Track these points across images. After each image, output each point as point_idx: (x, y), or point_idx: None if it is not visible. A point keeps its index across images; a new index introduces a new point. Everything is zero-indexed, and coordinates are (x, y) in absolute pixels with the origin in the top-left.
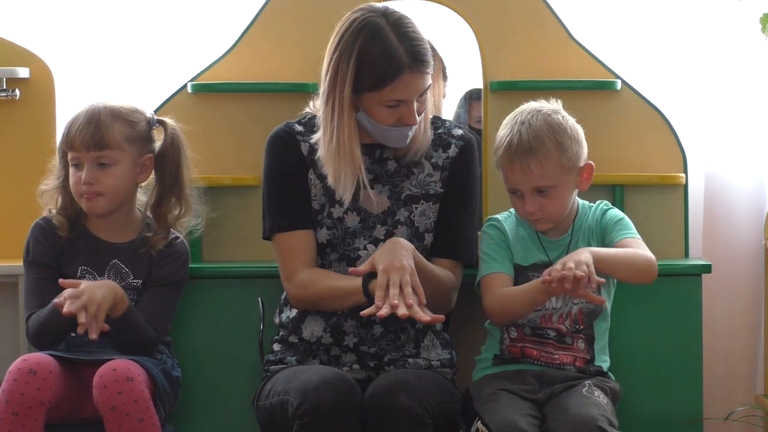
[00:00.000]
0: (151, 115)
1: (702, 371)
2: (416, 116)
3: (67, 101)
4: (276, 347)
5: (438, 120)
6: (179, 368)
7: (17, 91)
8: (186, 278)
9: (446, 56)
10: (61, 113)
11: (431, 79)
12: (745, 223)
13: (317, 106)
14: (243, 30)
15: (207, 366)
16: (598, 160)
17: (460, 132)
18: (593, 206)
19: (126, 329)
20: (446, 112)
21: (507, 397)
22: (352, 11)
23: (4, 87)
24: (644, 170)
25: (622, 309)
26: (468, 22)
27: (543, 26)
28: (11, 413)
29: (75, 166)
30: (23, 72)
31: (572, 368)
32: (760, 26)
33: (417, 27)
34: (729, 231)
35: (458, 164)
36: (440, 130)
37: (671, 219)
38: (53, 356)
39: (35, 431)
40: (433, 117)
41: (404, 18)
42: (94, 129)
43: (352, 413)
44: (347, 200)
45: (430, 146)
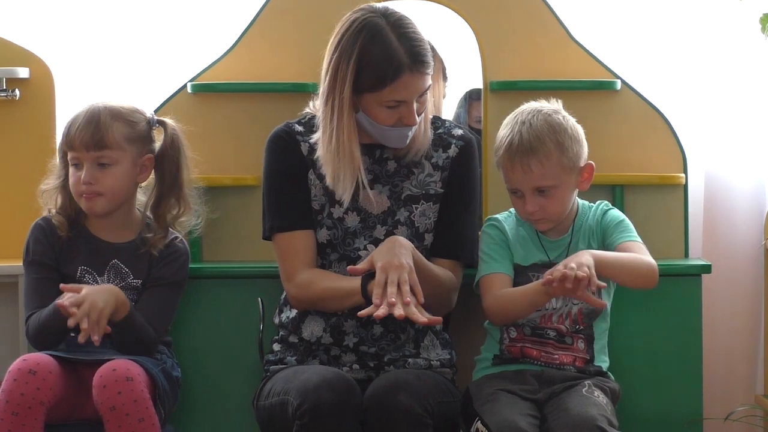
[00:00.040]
0: (151, 115)
1: (702, 371)
2: (416, 117)
3: (67, 101)
4: (276, 347)
5: (438, 120)
6: (179, 368)
7: (17, 91)
8: (186, 278)
9: (446, 56)
10: (61, 113)
11: (431, 80)
12: (745, 223)
13: (317, 106)
14: (243, 30)
15: (207, 366)
16: (598, 160)
17: (460, 132)
18: (593, 206)
19: (127, 331)
20: (446, 112)
21: (507, 397)
22: (353, 11)
23: (4, 87)
24: (644, 170)
25: (622, 309)
26: (468, 22)
27: (543, 26)
28: (11, 413)
29: (75, 166)
30: (23, 72)
31: (572, 368)
32: (760, 26)
33: (417, 27)
34: (729, 231)
35: (458, 164)
36: (440, 130)
37: (671, 219)
38: (53, 356)
39: (35, 431)
40: (433, 117)
41: (404, 18)
42: (94, 129)
43: (352, 413)
44: (346, 200)
45: (431, 146)
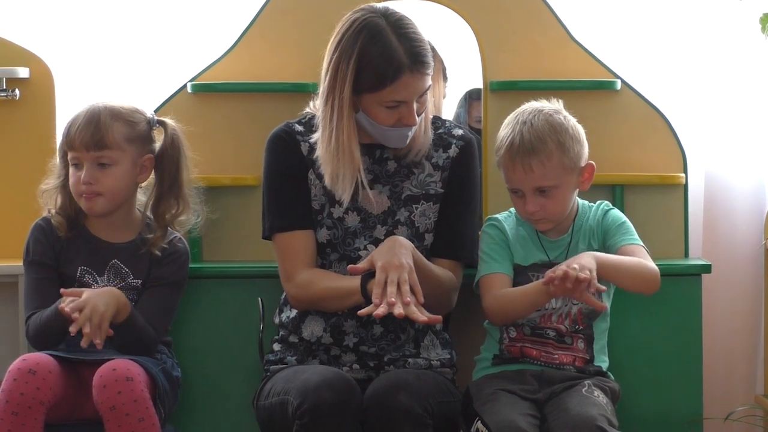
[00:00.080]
0: (152, 116)
1: (702, 371)
2: (416, 117)
3: (67, 101)
4: (276, 347)
5: (438, 120)
6: (179, 368)
7: (17, 91)
8: (186, 278)
9: (446, 56)
10: (61, 113)
11: (431, 80)
12: (745, 223)
13: (317, 106)
14: (243, 30)
15: (207, 366)
16: (598, 160)
17: (461, 132)
18: (593, 206)
19: (128, 332)
20: (446, 112)
21: (507, 397)
22: (353, 11)
23: (4, 87)
24: (644, 170)
25: (622, 309)
26: (468, 22)
27: (543, 26)
28: (11, 413)
29: (75, 166)
30: (23, 72)
31: (572, 368)
32: (760, 26)
33: (417, 28)
34: (729, 231)
35: (458, 164)
36: (440, 130)
37: (671, 219)
38: (53, 356)
39: (35, 431)
40: (434, 117)
41: (404, 19)
42: (94, 129)
43: (352, 413)
44: (346, 200)
45: (431, 146)
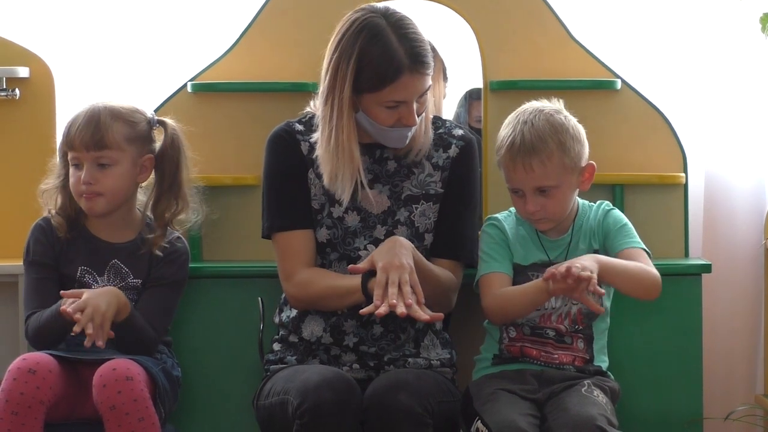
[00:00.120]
0: (152, 115)
1: (702, 371)
2: (416, 117)
3: (67, 101)
4: (276, 347)
5: (438, 120)
6: (179, 368)
7: (17, 91)
8: (186, 278)
9: (446, 56)
10: (61, 113)
11: (432, 80)
12: (745, 223)
13: (317, 106)
14: (243, 30)
15: (207, 366)
16: (598, 160)
17: (461, 132)
18: (594, 206)
19: (128, 332)
20: (446, 112)
21: (507, 397)
22: (353, 11)
23: (4, 86)
24: (644, 170)
25: (622, 309)
26: (468, 22)
27: (543, 26)
28: (11, 412)
29: (75, 166)
30: (23, 71)
31: (572, 368)
32: (760, 26)
33: (418, 28)
34: (729, 231)
35: (459, 164)
36: (441, 131)
37: (671, 219)
38: (53, 356)
39: (35, 430)
40: (434, 117)
41: (405, 19)
42: (94, 129)
43: (352, 413)
44: (345, 200)
45: (431, 146)
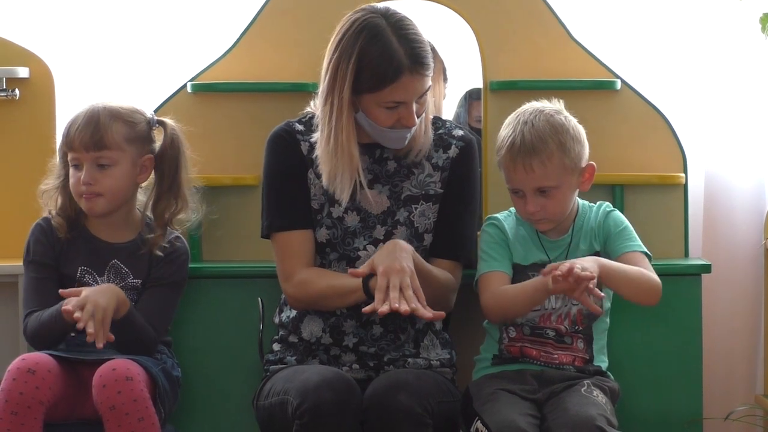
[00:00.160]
0: (151, 116)
1: (702, 371)
2: (415, 118)
3: (67, 101)
4: (276, 347)
5: (438, 120)
6: (179, 368)
7: (17, 91)
8: (186, 278)
9: (446, 56)
10: (61, 113)
11: (432, 81)
12: (745, 223)
13: (317, 105)
14: (243, 30)
15: (207, 366)
16: (598, 160)
17: (461, 133)
18: (594, 206)
19: (127, 330)
20: (446, 112)
21: (506, 397)
22: (353, 12)
23: (4, 87)
24: (644, 170)
25: (622, 309)
26: (468, 22)
27: (543, 26)
28: (10, 412)
29: (75, 167)
30: (23, 72)
31: (571, 368)
32: (760, 26)
33: (418, 29)
34: (729, 231)
35: (458, 165)
36: (441, 131)
37: (671, 219)
38: (52, 356)
39: (34, 430)
40: (434, 117)
41: (405, 20)
42: (93, 129)
43: (352, 413)
44: (344, 200)
45: (431, 147)
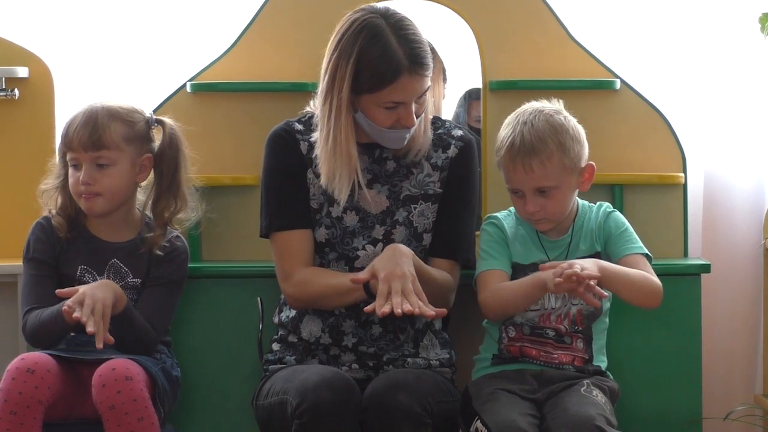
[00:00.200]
0: (150, 115)
1: (701, 371)
2: (414, 118)
3: (67, 101)
4: (275, 347)
5: (438, 120)
6: (179, 368)
7: (16, 91)
8: (185, 277)
9: (446, 56)
10: (61, 113)
11: (431, 81)
12: (745, 223)
13: (317, 105)
14: (242, 29)
15: (206, 366)
16: (598, 160)
17: (460, 133)
18: (594, 207)
19: (126, 326)
20: (445, 112)
21: (506, 397)
22: (353, 11)
23: (3, 86)
24: (643, 170)
25: (621, 309)
26: (467, 22)
27: (542, 26)
28: (9, 412)
29: (74, 167)
30: (22, 71)
31: (571, 368)
32: (760, 26)
33: (417, 29)
34: (728, 231)
35: (458, 164)
36: (440, 131)
37: (670, 219)
38: (52, 355)
39: (33, 430)
40: (433, 117)
41: (405, 20)
42: (92, 129)
43: (351, 413)
44: (342, 200)
45: (430, 147)
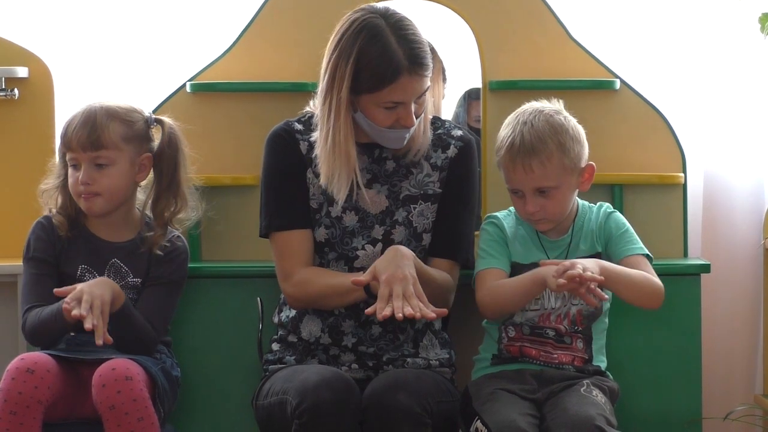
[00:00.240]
0: (149, 114)
1: (701, 371)
2: (414, 118)
3: (66, 101)
4: (275, 347)
5: (438, 120)
6: (178, 368)
7: (16, 91)
8: (185, 277)
9: (445, 56)
10: (60, 113)
11: (430, 81)
12: (745, 223)
13: (316, 105)
14: (242, 29)
15: (206, 366)
16: (598, 160)
17: (460, 133)
18: (594, 207)
19: (125, 325)
20: (445, 112)
21: (506, 397)
22: (353, 11)
23: (3, 86)
24: (643, 170)
25: (621, 309)
26: (467, 22)
27: (542, 26)
28: (9, 412)
29: (73, 167)
30: (22, 71)
31: (571, 368)
32: (760, 26)
33: (417, 29)
34: (728, 231)
35: (457, 164)
36: (440, 131)
37: (670, 219)
38: (52, 355)
39: (33, 430)
40: (433, 117)
41: (404, 20)
42: (90, 129)
43: (351, 413)
44: (341, 200)
45: (430, 147)
